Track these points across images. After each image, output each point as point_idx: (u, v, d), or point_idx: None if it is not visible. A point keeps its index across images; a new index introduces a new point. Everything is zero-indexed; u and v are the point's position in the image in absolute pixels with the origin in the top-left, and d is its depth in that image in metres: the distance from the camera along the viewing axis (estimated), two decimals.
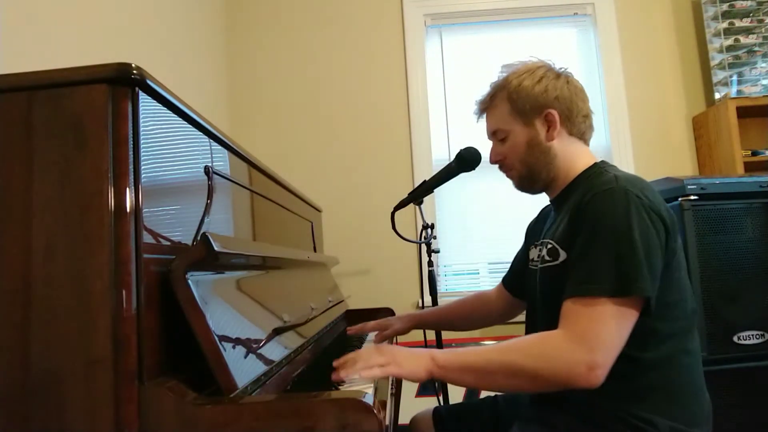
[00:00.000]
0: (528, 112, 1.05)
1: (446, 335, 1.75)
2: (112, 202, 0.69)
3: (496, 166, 1.14)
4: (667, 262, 0.90)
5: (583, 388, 0.83)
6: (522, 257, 1.28)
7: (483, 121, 1.15)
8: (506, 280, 1.36)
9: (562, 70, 1.09)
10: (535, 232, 1.22)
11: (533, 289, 1.08)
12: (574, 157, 1.06)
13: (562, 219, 1.01)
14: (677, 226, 0.94)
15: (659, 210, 0.90)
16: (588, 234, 0.90)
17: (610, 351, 0.83)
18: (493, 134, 1.13)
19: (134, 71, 0.70)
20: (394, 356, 0.90)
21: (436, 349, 0.94)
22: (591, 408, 0.91)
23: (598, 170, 1.03)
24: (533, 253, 1.12)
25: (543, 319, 1.01)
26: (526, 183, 1.11)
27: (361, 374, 0.88)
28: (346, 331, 1.49)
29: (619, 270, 0.85)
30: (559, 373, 0.83)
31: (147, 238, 0.72)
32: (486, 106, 1.13)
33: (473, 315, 1.42)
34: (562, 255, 0.96)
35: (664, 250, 0.89)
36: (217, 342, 0.71)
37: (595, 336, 0.83)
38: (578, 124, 1.06)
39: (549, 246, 1.01)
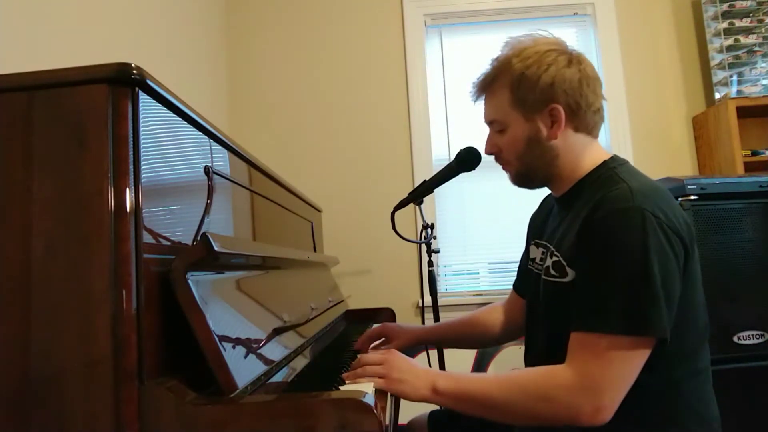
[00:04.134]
0: (530, 106, 0.95)
1: None
2: (112, 202, 0.69)
3: (496, 162, 1.06)
4: (684, 282, 0.85)
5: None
6: (526, 257, 1.21)
7: (480, 105, 1.05)
8: (517, 286, 1.28)
9: (575, 53, 0.96)
10: (536, 227, 1.15)
11: (535, 293, 1.03)
12: (580, 154, 0.97)
13: (569, 227, 0.94)
14: (695, 239, 0.88)
15: (678, 228, 0.83)
16: (599, 260, 0.83)
17: (618, 392, 0.79)
18: (490, 123, 1.03)
19: (134, 71, 0.70)
20: (392, 373, 0.91)
21: (440, 375, 0.91)
22: None
23: (609, 172, 0.94)
24: (535, 252, 1.08)
25: (545, 329, 0.98)
26: (523, 180, 1.04)
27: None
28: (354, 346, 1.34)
29: (633, 307, 0.79)
30: (562, 416, 0.81)
31: (147, 238, 0.72)
32: (484, 90, 1.02)
33: (487, 332, 1.30)
34: (570, 274, 0.90)
35: (682, 273, 0.84)
36: (217, 342, 0.71)
37: (602, 378, 0.79)
38: (587, 120, 0.96)
39: (554, 258, 0.96)
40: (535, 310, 1.04)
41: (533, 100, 0.94)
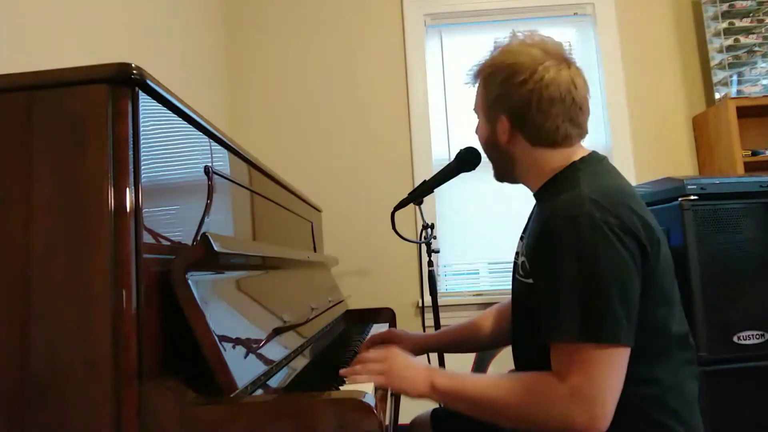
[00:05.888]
0: (489, 109, 1.00)
1: None
2: (112, 202, 0.69)
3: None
4: (646, 280, 0.84)
5: None
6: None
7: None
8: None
9: (548, 65, 0.93)
10: (526, 224, 1.16)
11: (515, 290, 1.06)
12: (542, 164, 0.98)
13: (534, 228, 0.95)
14: (656, 239, 0.86)
15: (631, 228, 0.82)
16: (552, 268, 0.84)
17: (609, 399, 0.79)
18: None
19: (134, 71, 0.70)
20: (392, 370, 0.93)
21: (439, 372, 0.93)
22: None
23: (573, 174, 0.93)
24: (519, 246, 1.08)
25: (521, 325, 1.03)
26: (497, 175, 1.10)
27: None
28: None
29: (588, 315, 0.80)
30: (556, 424, 0.81)
31: (147, 238, 0.72)
32: (471, 81, 1.06)
33: (486, 335, 1.29)
34: (532, 277, 0.92)
35: (640, 271, 0.83)
36: (217, 342, 0.71)
37: (590, 390, 0.78)
38: (541, 136, 0.95)
39: (522, 259, 0.98)
40: (517, 301, 1.06)
41: (490, 105, 1.00)
